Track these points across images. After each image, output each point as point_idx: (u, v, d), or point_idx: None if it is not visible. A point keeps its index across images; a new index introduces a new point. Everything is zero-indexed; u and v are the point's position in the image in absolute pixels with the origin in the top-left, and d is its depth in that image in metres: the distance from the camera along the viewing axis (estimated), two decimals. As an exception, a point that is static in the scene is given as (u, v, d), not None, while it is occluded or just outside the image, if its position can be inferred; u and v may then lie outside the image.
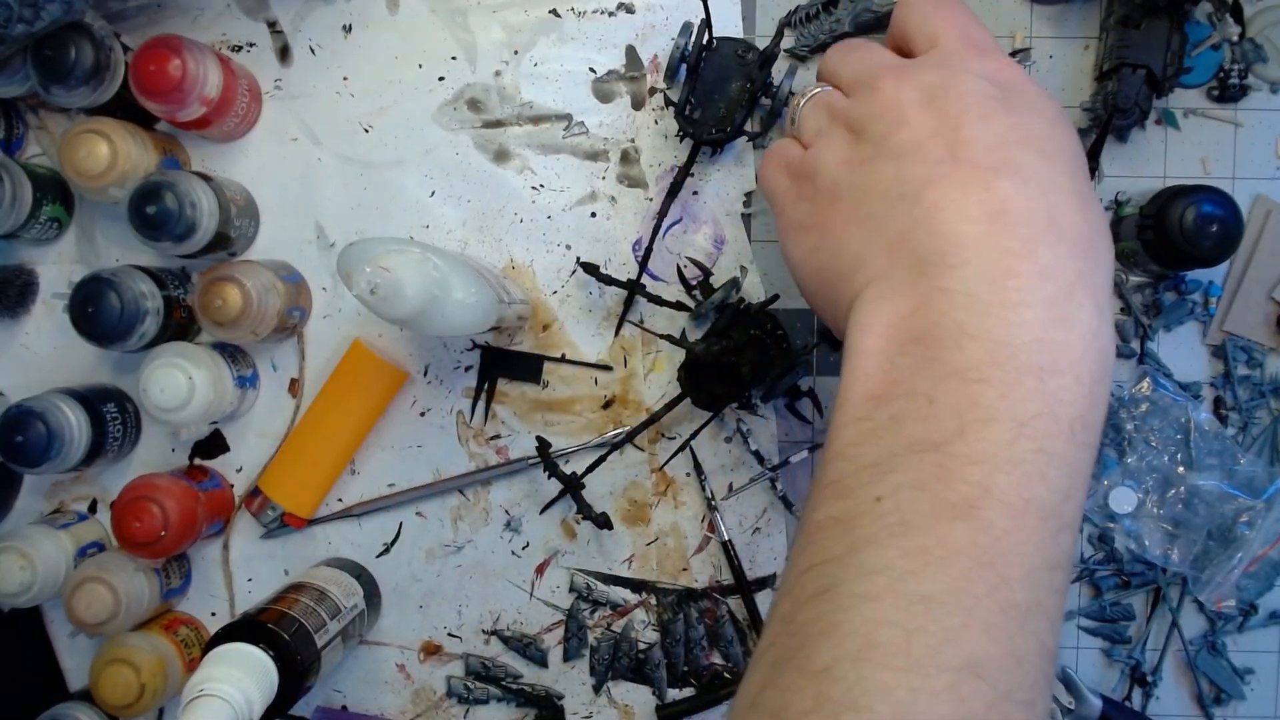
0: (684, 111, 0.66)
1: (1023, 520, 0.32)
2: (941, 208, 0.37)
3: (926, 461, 0.33)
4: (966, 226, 0.36)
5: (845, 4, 0.68)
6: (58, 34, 0.60)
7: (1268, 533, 0.67)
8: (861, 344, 0.37)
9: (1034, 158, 0.37)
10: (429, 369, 0.70)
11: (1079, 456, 0.34)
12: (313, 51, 0.70)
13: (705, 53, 0.65)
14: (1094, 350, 0.35)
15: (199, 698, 0.50)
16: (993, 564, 0.32)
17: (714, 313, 0.67)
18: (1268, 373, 0.69)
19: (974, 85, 0.39)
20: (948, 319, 0.35)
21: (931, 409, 0.34)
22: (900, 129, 0.40)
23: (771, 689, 0.33)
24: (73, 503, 0.71)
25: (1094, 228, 0.38)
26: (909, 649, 0.30)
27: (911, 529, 0.32)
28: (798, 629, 0.33)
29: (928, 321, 0.35)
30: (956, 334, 0.34)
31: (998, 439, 0.33)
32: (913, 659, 0.30)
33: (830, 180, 0.43)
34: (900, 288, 0.37)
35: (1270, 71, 0.68)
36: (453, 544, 0.71)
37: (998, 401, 0.33)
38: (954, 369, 0.34)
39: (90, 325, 0.61)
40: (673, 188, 0.68)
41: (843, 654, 0.31)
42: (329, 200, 0.70)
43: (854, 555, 0.33)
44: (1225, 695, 0.69)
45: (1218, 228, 0.62)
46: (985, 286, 0.35)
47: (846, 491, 0.35)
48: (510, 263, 0.70)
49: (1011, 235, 0.35)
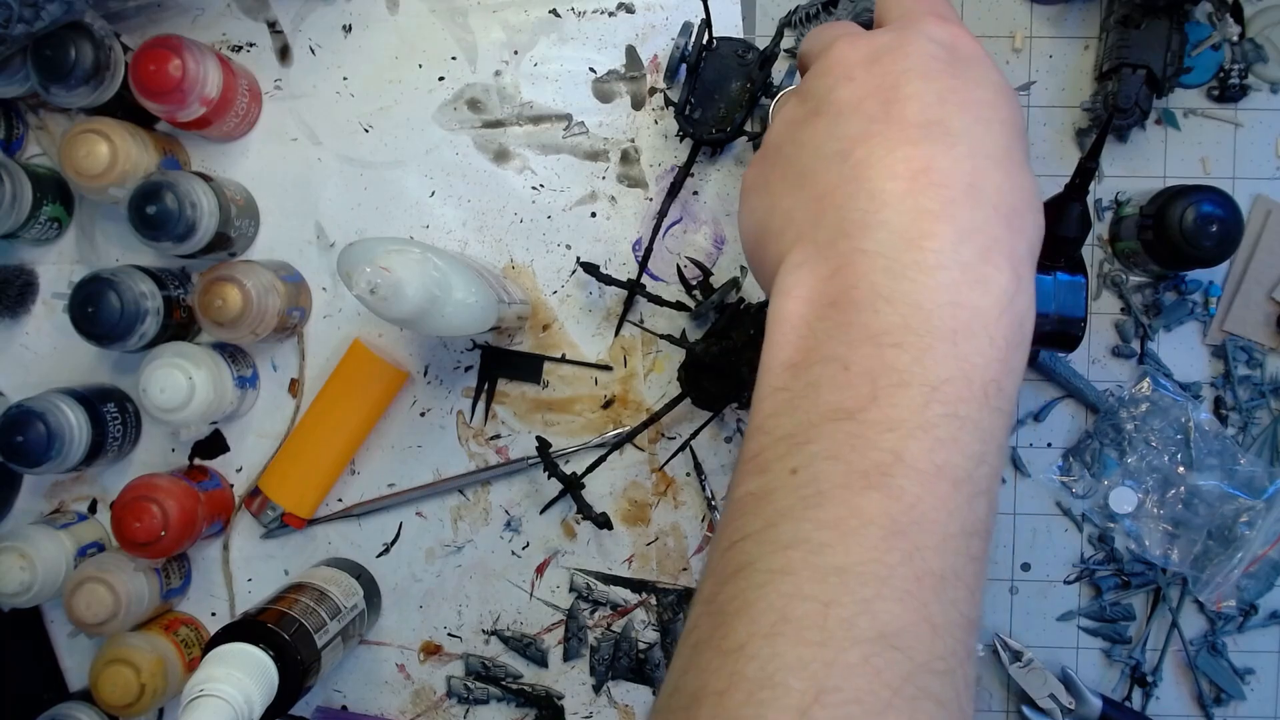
0: (684, 111, 0.66)
1: (935, 487, 0.32)
2: (868, 165, 0.36)
3: (841, 430, 0.33)
4: (889, 184, 0.35)
5: (845, 4, 0.68)
6: (58, 34, 0.60)
7: (1268, 533, 0.67)
8: (783, 309, 0.36)
9: (969, 122, 0.37)
10: (429, 369, 0.70)
11: (993, 421, 0.33)
12: (313, 51, 0.70)
13: (705, 53, 0.65)
14: (1009, 315, 0.34)
15: (199, 698, 0.50)
16: (905, 532, 0.31)
17: (714, 313, 0.67)
18: (1268, 373, 0.69)
19: (923, 46, 0.38)
20: (865, 281, 0.34)
21: (847, 375, 0.33)
22: (842, 86, 0.39)
23: (691, 671, 0.32)
24: (73, 503, 0.71)
25: (1021, 197, 0.37)
26: (824, 622, 0.30)
27: (826, 500, 0.32)
28: (717, 609, 0.33)
29: (846, 284, 0.35)
30: (873, 297, 0.34)
31: (910, 404, 0.32)
32: (827, 632, 0.30)
33: (775, 140, 0.42)
34: (823, 249, 0.36)
35: (1270, 71, 0.68)
36: (453, 544, 0.71)
37: (911, 366, 0.33)
38: (870, 333, 0.33)
39: (90, 325, 0.61)
40: (672, 188, 0.68)
41: (757, 630, 0.31)
42: (329, 200, 0.70)
43: (770, 530, 0.32)
44: (1225, 695, 0.69)
45: (1218, 228, 0.62)
46: (902, 247, 0.34)
47: (765, 466, 0.34)
48: (510, 263, 0.70)
49: (932, 196, 0.35)
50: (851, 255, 0.35)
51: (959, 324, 0.33)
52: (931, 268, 0.34)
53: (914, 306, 0.33)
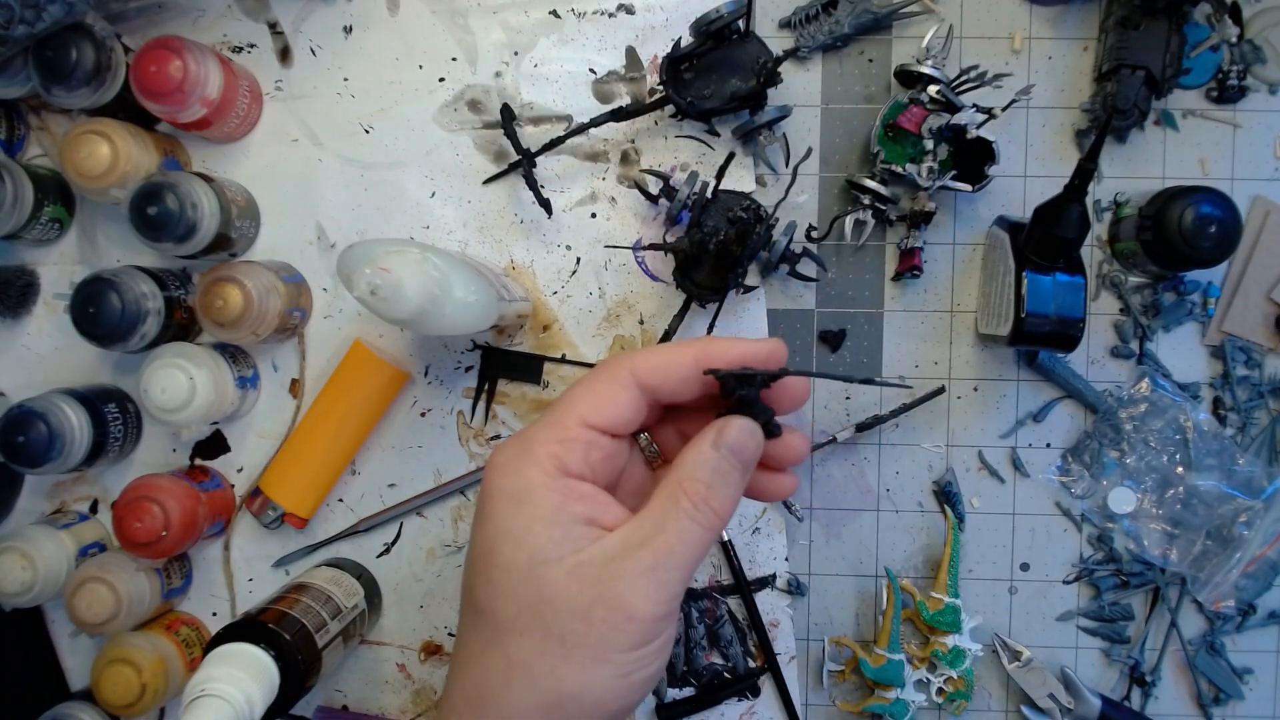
0: (683, 267, 0.66)
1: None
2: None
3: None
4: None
5: (845, 4, 0.68)
6: (59, 35, 0.60)
7: (1266, 533, 0.67)
8: None
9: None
10: (429, 369, 0.71)
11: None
12: (313, 53, 0.70)
13: (707, 204, 0.66)
14: None
15: (200, 697, 0.50)
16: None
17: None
18: (1266, 373, 0.69)
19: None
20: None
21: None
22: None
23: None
24: (74, 503, 0.71)
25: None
26: None
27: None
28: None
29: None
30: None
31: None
32: None
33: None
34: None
35: (1269, 73, 0.68)
36: (453, 544, 0.71)
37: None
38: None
39: (91, 326, 0.61)
40: (665, 336, 0.68)
41: None
42: (329, 201, 0.70)
43: None
44: (1224, 695, 0.69)
45: (1216, 228, 0.62)
46: None
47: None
48: (511, 263, 0.70)
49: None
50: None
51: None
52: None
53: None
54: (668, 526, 0.38)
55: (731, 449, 0.40)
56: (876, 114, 0.67)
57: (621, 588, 0.37)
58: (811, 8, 0.68)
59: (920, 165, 0.66)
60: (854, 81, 0.70)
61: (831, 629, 0.71)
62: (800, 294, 0.70)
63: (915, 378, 0.70)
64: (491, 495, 0.38)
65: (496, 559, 0.37)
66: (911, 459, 0.70)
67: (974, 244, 0.70)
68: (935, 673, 0.69)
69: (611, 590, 0.37)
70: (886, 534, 0.71)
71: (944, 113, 0.65)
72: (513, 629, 0.37)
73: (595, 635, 0.36)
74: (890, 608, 0.69)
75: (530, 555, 0.37)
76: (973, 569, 0.71)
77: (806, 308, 0.70)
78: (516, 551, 0.37)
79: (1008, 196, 0.70)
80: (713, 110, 0.66)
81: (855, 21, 0.68)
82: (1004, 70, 0.67)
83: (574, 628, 0.36)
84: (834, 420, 0.70)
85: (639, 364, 0.40)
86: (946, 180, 0.66)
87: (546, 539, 0.37)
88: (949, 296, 0.70)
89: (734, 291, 0.66)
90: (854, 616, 0.71)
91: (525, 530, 0.37)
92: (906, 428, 0.70)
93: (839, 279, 0.70)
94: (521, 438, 0.39)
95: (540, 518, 0.37)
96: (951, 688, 0.69)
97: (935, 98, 0.65)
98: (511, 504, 0.37)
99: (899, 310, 0.70)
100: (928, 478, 0.71)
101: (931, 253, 0.70)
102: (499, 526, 0.37)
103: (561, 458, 0.38)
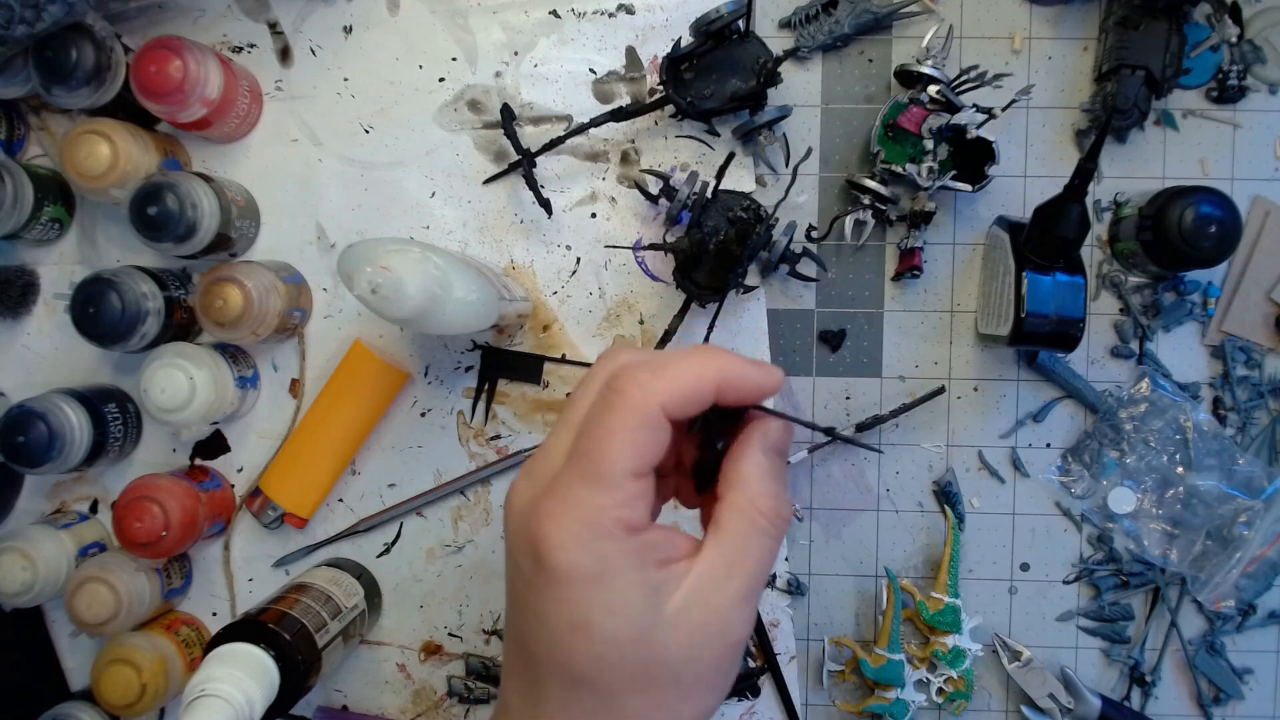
0: (684, 266, 0.66)
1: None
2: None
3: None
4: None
5: (845, 4, 0.68)
6: (59, 35, 0.60)
7: (1266, 533, 0.67)
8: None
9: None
10: (429, 369, 0.71)
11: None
12: (313, 53, 0.70)
13: (707, 204, 0.65)
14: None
15: (200, 697, 0.50)
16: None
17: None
18: (1266, 373, 0.69)
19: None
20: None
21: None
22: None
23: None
24: (74, 503, 0.71)
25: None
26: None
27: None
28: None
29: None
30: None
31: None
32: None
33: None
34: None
35: (1269, 73, 0.68)
36: (453, 544, 0.71)
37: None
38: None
39: (91, 326, 0.61)
40: (665, 336, 0.68)
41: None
42: (330, 201, 0.70)
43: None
44: (1224, 695, 0.69)
45: (1216, 228, 0.62)
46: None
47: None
48: (511, 263, 0.70)
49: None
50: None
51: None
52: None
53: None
54: (750, 550, 0.39)
55: (778, 451, 0.41)
56: (876, 114, 0.67)
57: (722, 622, 0.38)
58: (811, 8, 0.68)
59: (920, 165, 0.66)
60: (854, 81, 0.70)
61: (831, 629, 0.71)
62: (800, 294, 0.70)
63: (915, 378, 0.70)
64: (564, 576, 0.37)
65: (596, 633, 0.37)
66: (911, 459, 0.71)
67: (974, 244, 0.70)
68: (935, 673, 0.69)
69: (714, 626, 0.38)
70: (886, 534, 0.71)
71: (944, 113, 0.65)
72: (628, 691, 0.37)
73: (705, 669, 0.38)
74: (890, 608, 0.69)
75: (633, 623, 0.37)
76: (973, 569, 0.71)
77: (806, 308, 0.70)
78: (618, 623, 0.37)
79: (1008, 196, 0.70)
80: (713, 110, 0.66)
81: (855, 21, 0.68)
82: (1004, 70, 0.67)
83: (687, 670, 0.38)
84: (834, 420, 0.70)
85: (667, 400, 0.38)
86: (946, 180, 0.66)
87: (643, 603, 0.37)
88: (949, 296, 0.70)
89: (734, 291, 0.66)
90: (854, 616, 0.71)
91: (619, 602, 0.37)
92: (906, 428, 0.70)
93: (839, 279, 0.70)
94: (569, 502, 0.38)
95: (629, 585, 0.37)
96: (951, 688, 0.69)
97: (935, 98, 0.65)
98: (594, 583, 0.37)
99: (899, 310, 0.70)
100: (928, 478, 0.71)
101: (931, 253, 0.70)
102: (586, 604, 0.37)
103: (627, 520, 0.38)
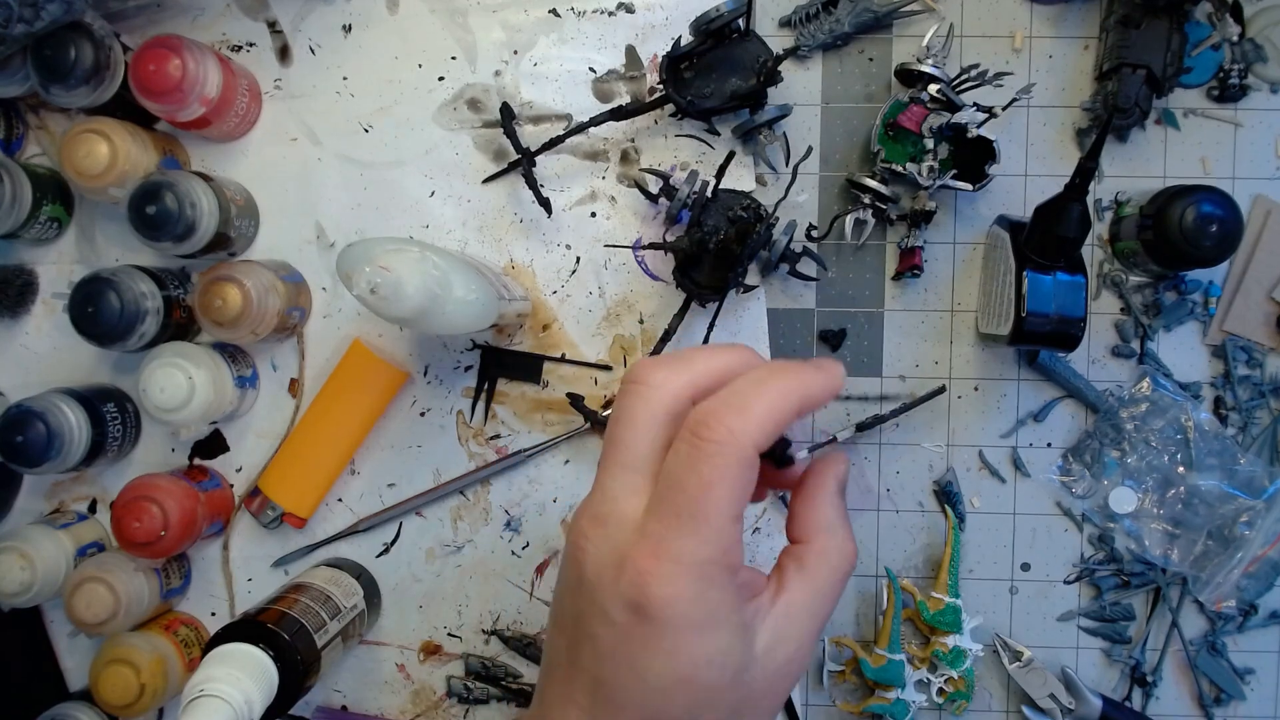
0: (684, 265, 0.66)
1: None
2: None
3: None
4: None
5: (845, 3, 0.68)
6: (58, 34, 0.60)
7: (1268, 533, 0.67)
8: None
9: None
10: (429, 369, 0.70)
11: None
12: (312, 51, 0.70)
13: (707, 203, 0.65)
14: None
15: (199, 698, 0.50)
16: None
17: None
18: (1267, 372, 0.69)
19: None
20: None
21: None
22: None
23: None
24: (73, 503, 0.71)
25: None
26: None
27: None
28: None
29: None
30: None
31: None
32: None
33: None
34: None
35: (1270, 71, 0.68)
36: (453, 544, 0.71)
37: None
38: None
39: (90, 325, 0.61)
40: (665, 335, 0.68)
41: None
42: (329, 200, 0.70)
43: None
44: (1225, 695, 0.69)
45: (1217, 228, 0.62)
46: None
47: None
48: (510, 263, 0.70)
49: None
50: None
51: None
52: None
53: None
54: (831, 593, 0.41)
55: (844, 488, 0.43)
56: (877, 113, 0.67)
57: (802, 657, 0.40)
58: (812, 6, 0.68)
59: (921, 164, 0.66)
60: (854, 80, 0.69)
61: (831, 629, 0.71)
62: (800, 293, 0.70)
63: (915, 377, 0.70)
64: (675, 629, 0.37)
65: (699, 684, 0.37)
66: (912, 459, 0.70)
67: (974, 243, 0.70)
68: (936, 673, 0.69)
69: (795, 663, 0.40)
70: (887, 534, 0.71)
71: (944, 112, 0.65)
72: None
73: (779, 699, 0.41)
74: (890, 608, 0.69)
75: (732, 671, 0.37)
76: (973, 569, 0.70)
77: (806, 307, 0.70)
78: (720, 674, 0.37)
79: (1008, 196, 0.70)
80: (712, 109, 0.66)
81: (855, 20, 0.68)
82: (1004, 69, 0.67)
83: (765, 703, 0.40)
84: (834, 420, 0.70)
85: (760, 441, 0.38)
86: (947, 179, 0.66)
87: (741, 648, 0.38)
88: (949, 296, 0.70)
89: (734, 291, 0.66)
90: (854, 616, 0.71)
91: (723, 650, 0.37)
92: (907, 427, 0.70)
93: (839, 278, 0.70)
94: (675, 559, 0.37)
95: (731, 629, 0.38)
96: (952, 688, 0.69)
97: (936, 97, 0.65)
98: (701, 632, 0.37)
99: (899, 310, 0.70)
100: (928, 477, 0.70)
101: (932, 252, 0.70)
102: (692, 656, 0.37)
103: (732, 564, 0.38)
